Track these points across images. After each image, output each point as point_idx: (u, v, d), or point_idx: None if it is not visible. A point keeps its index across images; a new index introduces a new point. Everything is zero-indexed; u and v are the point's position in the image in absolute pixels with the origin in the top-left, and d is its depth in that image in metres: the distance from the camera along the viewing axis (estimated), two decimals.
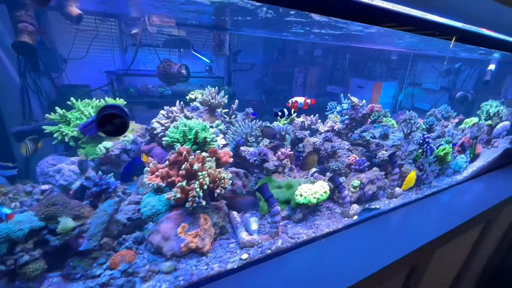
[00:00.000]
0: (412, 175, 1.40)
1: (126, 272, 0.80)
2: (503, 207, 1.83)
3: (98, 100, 1.28)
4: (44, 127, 1.13)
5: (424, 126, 1.65)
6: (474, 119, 1.89)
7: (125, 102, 1.34)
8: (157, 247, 0.91)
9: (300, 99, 1.27)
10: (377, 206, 1.39)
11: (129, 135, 1.27)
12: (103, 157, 1.17)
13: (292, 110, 1.29)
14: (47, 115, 1.16)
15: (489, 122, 1.85)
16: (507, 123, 1.92)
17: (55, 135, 1.13)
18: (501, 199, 1.70)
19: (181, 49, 2.46)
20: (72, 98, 1.23)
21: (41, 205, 0.75)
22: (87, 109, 1.21)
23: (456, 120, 1.91)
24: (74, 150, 1.22)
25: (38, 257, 0.72)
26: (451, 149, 1.55)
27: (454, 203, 1.61)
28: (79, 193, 0.89)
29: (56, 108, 1.16)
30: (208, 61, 2.71)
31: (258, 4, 1.02)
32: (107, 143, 1.18)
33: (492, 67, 1.97)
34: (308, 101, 1.29)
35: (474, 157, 1.84)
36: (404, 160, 1.44)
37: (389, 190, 1.43)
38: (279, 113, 1.26)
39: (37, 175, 1.08)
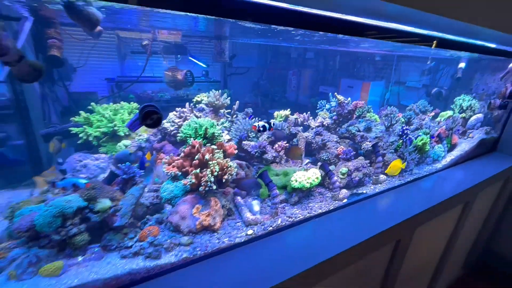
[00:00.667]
0: (397, 162, 1.57)
1: (153, 244, 0.97)
2: (479, 191, 2.03)
3: (114, 104, 1.45)
4: (71, 128, 1.30)
5: (403, 120, 1.85)
6: (449, 112, 2.10)
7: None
8: (175, 225, 1.07)
9: (261, 122, 1.32)
10: (364, 191, 1.58)
11: (143, 134, 1.44)
12: (121, 155, 1.34)
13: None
14: (72, 118, 1.33)
15: (463, 115, 2.05)
16: (480, 115, 2.14)
17: (80, 135, 1.29)
18: (476, 182, 1.89)
19: (178, 55, 2.64)
20: (92, 103, 1.39)
21: (83, 189, 0.91)
22: (106, 112, 1.38)
23: (432, 113, 2.12)
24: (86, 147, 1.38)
25: (83, 230, 0.88)
26: (428, 140, 1.74)
27: (434, 187, 1.80)
28: (107, 181, 1.06)
29: (81, 112, 1.33)
30: (204, 66, 2.88)
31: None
32: (126, 141, 1.34)
33: (462, 65, 2.19)
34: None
35: (451, 147, 2.05)
36: (386, 150, 1.63)
37: (374, 177, 1.62)
38: (261, 128, 1.36)
39: (67, 170, 1.24)
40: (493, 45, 1.75)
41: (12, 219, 0.90)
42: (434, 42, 1.58)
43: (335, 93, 1.68)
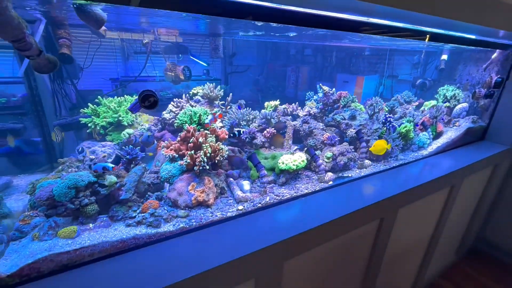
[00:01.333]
0: (381, 142, 1.66)
1: (154, 215, 1.11)
2: (466, 176, 2.11)
3: (118, 98, 1.60)
4: (81, 118, 1.45)
5: (386, 109, 1.96)
6: (433, 102, 2.20)
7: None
8: (174, 201, 1.21)
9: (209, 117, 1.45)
10: (350, 175, 1.69)
11: (144, 124, 1.59)
12: (126, 141, 1.48)
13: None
14: (81, 110, 1.48)
15: (447, 104, 2.15)
16: (465, 104, 2.23)
17: (89, 124, 1.44)
18: (461, 166, 1.97)
19: (180, 55, 2.78)
20: (99, 97, 1.54)
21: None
22: (111, 104, 1.53)
23: (416, 103, 2.22)
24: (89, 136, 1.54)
25: (93, 201, 1.03)
26: (412, 127, 1.85)
27: (418, 170, 1.89)
28: (115, 162, 1.20)
29: (89, 104, 1.48)
30: (205, 64, 3.02)
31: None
32: (129, 130, 1.49)
33: (444, 57, 2.29)
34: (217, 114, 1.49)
35: (437, 135, 2.15)
36: (370, 136, 1.75)
37: (359, 162, 1.74)
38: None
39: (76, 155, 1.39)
40: (473, 37, 1.85)
41: (33, 193, 1.05)
42: (427, 36, 1.70)
43: (320, 84, 1.80)
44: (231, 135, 1.45)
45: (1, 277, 0.82)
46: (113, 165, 1.07)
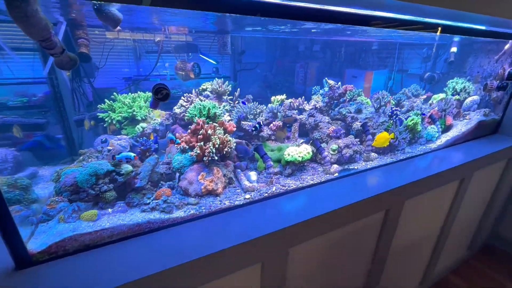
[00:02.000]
0: (383, 134, 1.67)
1: (166, 202, 1.19)
2: (476, 169, 2.08)
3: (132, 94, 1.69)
4: (98, 114, 1.55)
5: (393, 102, 1.96)
6: (441, 95, 2.17)
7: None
8: (184, 189, 1.29)
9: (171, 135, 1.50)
10: (355, 167, 1.71)
11: (157, 119, 1.67)
12: (140, 134, 1.57)
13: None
14: (99, 105, 1.58)
15: (457, 97, 2.12)
16: (476, 97, 2.19)
17: (105, 119, 1.54)
18: (471, 159, 1.95)
19: (190, 54, 2.86)
20: (114, 93, 1.64)
21: (110, 157, 1.15)
22: (126, 99, 1.62)
23: (425, 96, 2.19)
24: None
25: (111, 188, 1.12)
26: (419, 120, 1.85)
27: (425, 163, 1.87)
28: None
29: (105, 100, 1.58)
30: (214, 62, 3.09)
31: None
32: (143, 124, 1.58)
33: (454, 49, 2.25)
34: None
35: (446, 128, 2.13)
36: (376, 130, 1.76)
37: (365, 154, 1.76)
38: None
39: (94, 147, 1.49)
40: (483, 27, 1.82)
41: (58, 180, 1.14)
42: (438, 28, 1.69)
43: (326, 78, 1.83)
44: (253, 129, 1.49)
45: (33, 253, 0.91)
46: (135, 154, 1.15)
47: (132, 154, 1.16)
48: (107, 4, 0.95)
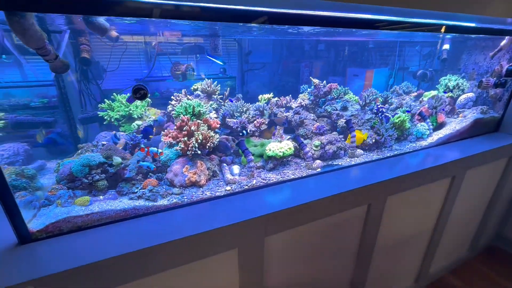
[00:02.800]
0: (356, 133, 1.71)
1: (152, 191, 1.31)
2: (470, 167, 2.05)
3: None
4: (98, 113, 1.71)
5: (381, 99, 1.98)
6: (433, 92, 2.15)
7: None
8: (170, 181, 1.41)
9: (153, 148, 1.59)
10: (339, 163, 1.77)
11: (152, 117, 1.81)
12: (136, 131, 1.71)
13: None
14: (99, 105, 1.74)
15: (450, 94, 2.10)
16: (471, 94, 2.16)
17: (105, 117, 1.70)
18: (462, 156, 1.93)
19: (197, 55, 3.00)
20: (114, 94, 1.79)
21: (103, 150, 1.29)
22: (123, 99, 1.77)
23: (415, 94, 2.19)
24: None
25: (103, 178, 1.25)
26: (407, 117, 1.87)
27: (411, 160, 1.87)
28: (124, 148, 1.43)
29: (105, 99, 1.73)
30: (221, 63, 3.21)
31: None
32: (138, 122, 1.72)
33: (446, 46, 2.22)
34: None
35: (438, 126, 2.12)
36: (362, 127, 1.80)
37: (350, 151, 1.81)
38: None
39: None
40: (472, 25, 1.81)
41: (57, 171, 1.30)
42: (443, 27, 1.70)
43: (310, 77, 1.89)
44: (240, 134, 1.61)
45: (33, 232, 1.06)
46: (155, 167, 1.36)
47: (153, 166, 1.35)
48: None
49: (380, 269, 2.06)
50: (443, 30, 1.68)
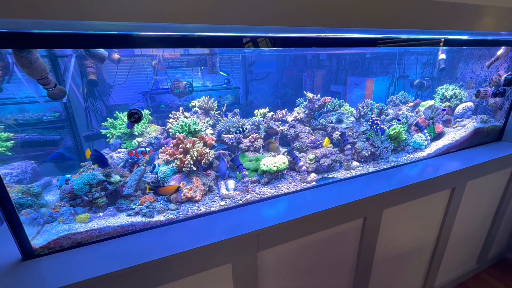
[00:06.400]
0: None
1: (149, 207, 1.37)
2: (471, 178, 2.02)
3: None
4: (101, 131, 1.80)
5: (376, 111, 1.99)
6: (430, 102, 2.15)
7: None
8: (167, 196, 1.46)
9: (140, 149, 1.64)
10: (335, 176, 1.78)
11: (152, 134, 1.89)
12: (137, 147, 1.79)
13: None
14: (102, 123, 1.83)
15: (447, 103, 2.09)
16: (470, 104, 2.14)
17: (107, 135, 1.78)
18: (462, 167, 1.90)
19: (202, 67, 3.10)
20: (116, 112, 1.89)
21: (102, 169, 1.36)
22: (125, 117, 1.85)
23: (412, 104, 2.18)
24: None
25: (103, 195, 1.32)
26: (402, 129, 1.87)
27: (409, 172, 1.86)
28: (123, 166, 1.50)
29: (108, 118, 1.82)
30: (225, 75, 3.30)
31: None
32: (139, 139, 1.80)
33: (443, 56, 2.22)
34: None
35: (436, 136, 2.10)
36: (357, 139, 1.82)
37: (345, 163, 1.82)
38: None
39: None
40: (465, 37, 1.82)
41: (60, 188, 1.37)
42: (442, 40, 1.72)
43: (304, 92, 1.93)
44: (238, 131, 1.66)
45: (36, 248, 1.13)
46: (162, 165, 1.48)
47: (158, 164, 1.47)
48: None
49: (381, 283, 2.03)
50: (441, 44, 1.69)
